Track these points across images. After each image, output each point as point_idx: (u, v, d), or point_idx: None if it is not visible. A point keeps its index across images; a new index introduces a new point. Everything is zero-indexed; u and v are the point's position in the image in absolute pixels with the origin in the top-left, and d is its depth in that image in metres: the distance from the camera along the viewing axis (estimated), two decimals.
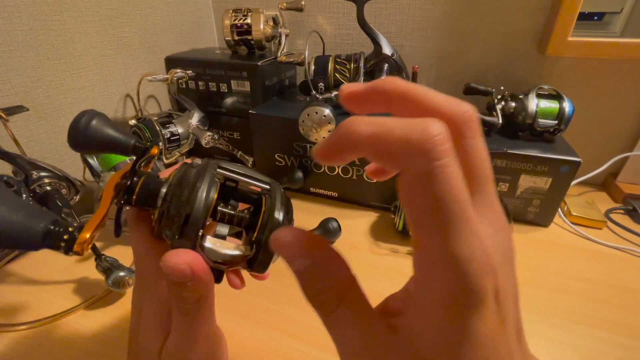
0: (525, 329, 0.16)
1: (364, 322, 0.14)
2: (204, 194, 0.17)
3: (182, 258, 0.17)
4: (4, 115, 0.37)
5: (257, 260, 0.19)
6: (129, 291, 0.38)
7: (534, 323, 0.35)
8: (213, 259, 0.18)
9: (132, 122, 0.51)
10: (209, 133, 0.56)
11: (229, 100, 0.62)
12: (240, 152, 0.60)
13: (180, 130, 0.56)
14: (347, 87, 0.15)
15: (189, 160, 0.22)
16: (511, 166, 0.46)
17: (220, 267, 0.19)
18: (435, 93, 0.14)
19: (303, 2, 0.53)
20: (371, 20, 0.51)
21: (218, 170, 0.19)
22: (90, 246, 0.16)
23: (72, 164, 0.51)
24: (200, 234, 0.17)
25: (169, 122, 0.55)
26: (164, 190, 0.18)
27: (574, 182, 0.50)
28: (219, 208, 0.19)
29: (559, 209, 0.50)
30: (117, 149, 0.21)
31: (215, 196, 0.18)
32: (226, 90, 0.60)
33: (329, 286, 0.14)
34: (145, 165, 0.21)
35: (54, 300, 0.37)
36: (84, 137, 0.19)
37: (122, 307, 0.37)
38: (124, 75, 0.57)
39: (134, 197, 0.19)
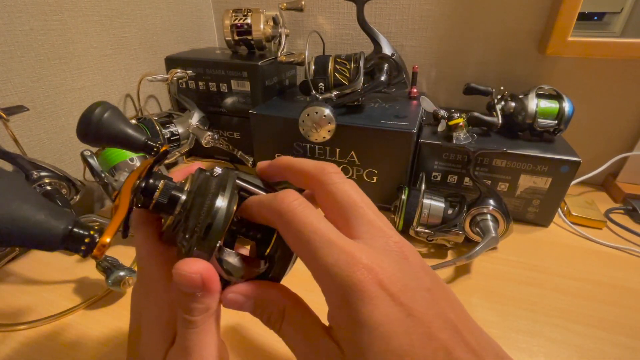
0: (525, 328, 0.16)
1: (303, 332, 0.18)
2: (226, 206, 0.17)
3: (194, 267, 0.17)
4: (4, 115, 0.37)
5: (269, 276, 0.19)
6: (129, 291, 0.38)
7: (534, 323, 0.35)
8: (227, 271, 0.18)
9: (132, 122, 0.51)
10: (209, 133, 0.56)
11: (229, 100, 0.62)
12: (240, 152, 0.60)
13: (180, 130, 0.56)
14: (259, 165, 0.22)
15: (202, 165, 0.22)
16: (511, 166, 0.46)
17: (231, 279, 0.19)
18: (307, 161, 0.21)
19: (303, 2, 0.53)
20: (371, 20, 0.51)
21: (237, 181, 0.19)
22: (107, 250, 0.16)
23: (72, 164, 0.51)
24: (219, 245, 0.17)
25: (169, 122, 0.55)
26: (183, 197, 0.18)
27: (573, 182, 0.50)
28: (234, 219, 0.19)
29: (559, 209, 0.50)
30: (128, 144, 0.20)
31: (235, 208, 0.18)
32: (226, 90, 0.61)
33: (270, 313, 0.19)
34: (157, 166, 0.20)
35: (54, 300, 0.37)
36: (95, 129, 0.19)
37: (123, 307, 0.37)
38: (124, 75, 0.57)
39: (153, 202, 0.18)
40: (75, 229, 0.15)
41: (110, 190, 0.42)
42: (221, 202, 0.17)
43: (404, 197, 0.44)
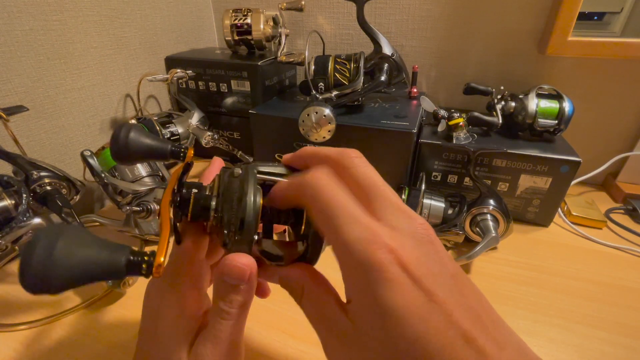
0: (525, 328, 0.16)
1: (318, 308, 0.19)
2: (252, 202, 0.19)
3: (244, 261, 0.18)
4: (4, 115, 0.37)
5: (308, 254, 0.20)
6: (129, 291, 0.38)
7: (534, 323, 0.35)
8: (270, 258, 0.20)
9: (132, 122, 0.51)
10: (209, 133, 0.56)
11: (229, 100, 0.62)
12: (240, 152, 0.60)
13: (180, 130, 0.55)
14: (284, 157, 0.23)
15: (222, 163, 0.24)
16: (511, 166, 0.46)
17: (280, 264, 0.21)
18: (329, 148, 0.21)
19: (303, 2, 0.53)
20: (371, 20, 0.51)
21: (258, 175, 0.21)
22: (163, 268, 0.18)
23: (72, 164, 0.51)
24: (256, 238, 0.19)
25: (169, 122, 0.55)
26: (213, 203, 0.20)
27: (574, 182, 0.50)
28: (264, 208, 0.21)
29: (559, 209, 0.50)
30: (156, 155, 0.22)
31: (261, 202, 0.19)
32: (226, 90, 0.60)
33: (293, 286, 0.20)
34: (186, 173, 0.22)
35: (54, 300, 0.37)
36: (125, 150, 0.21)
37: (123, 307, 0.37)
38: (124, 75, 0.57)
39: (189, 214, 0.20)
40: (132, 258, 0.17)
41: (110, 191, 0.42)
42: (247, 200, 0.19)
43: (404, 197, 0.44)
